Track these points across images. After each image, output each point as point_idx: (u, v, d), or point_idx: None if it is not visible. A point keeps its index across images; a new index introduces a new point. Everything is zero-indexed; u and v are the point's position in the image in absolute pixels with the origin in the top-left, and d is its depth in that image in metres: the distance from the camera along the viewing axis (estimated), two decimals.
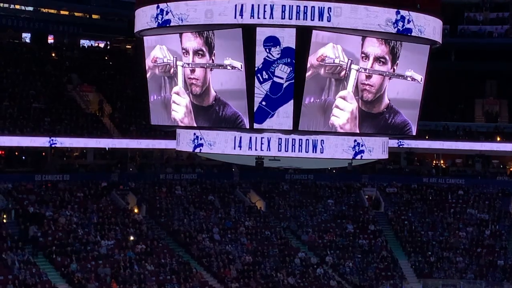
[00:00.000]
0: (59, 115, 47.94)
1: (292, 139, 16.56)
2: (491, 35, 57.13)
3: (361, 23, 15.62)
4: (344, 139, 16.98)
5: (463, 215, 50.67)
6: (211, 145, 17.09)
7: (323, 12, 15.32)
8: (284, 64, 15.71)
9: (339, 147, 16.99)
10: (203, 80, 16.49)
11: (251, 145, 16.66)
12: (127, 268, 39.38)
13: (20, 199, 42.73)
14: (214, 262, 42.28)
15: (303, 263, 44.26)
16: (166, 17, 16.24)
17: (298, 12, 15.27)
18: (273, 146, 16.58)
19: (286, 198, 51.11)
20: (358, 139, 17.20)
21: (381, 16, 15.77)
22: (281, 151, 16.61)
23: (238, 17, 15.37)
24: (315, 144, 16.72)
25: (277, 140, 16.54)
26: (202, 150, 17.32)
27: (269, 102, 15.84)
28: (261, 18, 15.36)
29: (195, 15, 15.74)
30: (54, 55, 55.65)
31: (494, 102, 57.53)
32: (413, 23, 16.28)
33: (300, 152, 16.65)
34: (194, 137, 17.39)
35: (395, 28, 15.98)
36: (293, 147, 16.59)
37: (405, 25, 16.12)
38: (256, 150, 16.66)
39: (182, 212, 46.40)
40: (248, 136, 16.56)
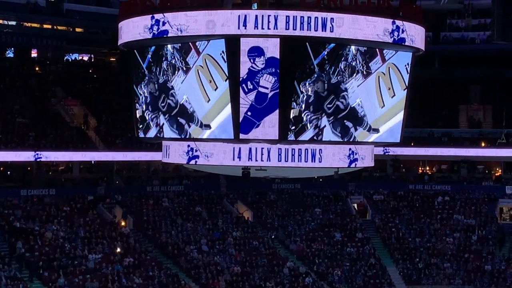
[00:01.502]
0: (44, 129, 47.76)
1: (292, 149, 16.60)
2: (473, 42, 57.53)
3: (361, 33, 15.80)
4: (340, 148, 17.08)
5: (450, 221, 50.82)
6: (208, 156, 16.97)
7: (325, 22, 15.40)
8: (269, 74, 15.73)
9: (336, 156, 17.12)
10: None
11: (251, 156, 16.62)
12: (115, 282, 39.18)
13: (6, 214, 42.45)
14: (203, 273, 42.16)
15: (291, 273, 44.21)
16: (163, 28, 16.09)
17: (302, 23, 15.32)
18: (273, 156, 16.57)
19: (273, 208, 51.08)
20: (352, 148, 17.35)
21: (379, 26, 16.01)
22: (281, 161, 16.63)
23: (241, 27, 15.32)
24: (314, 153, 16.79)
25: (277, 150, 16.55)
26: (198, 162, 17.18)
27: (255, 112, 15.85)
28: (265, 29, 15.32)
29: (196, 26, 15.63)
30: (38, 69, 55.50)
31: (478, 108, 57.83)
32: (406, 33, 16.54)
33: (299, 162, 16.70)
34: (188, 149, 17.25)
35: (391, 38, 16.23)
36: (293, 157, 16.63)
37: (400, 35, 16.38)
38: (256, 161, 16.63)
39: (169, 224, 46.26)
40: (248, 147, 16.51)
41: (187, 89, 16.75)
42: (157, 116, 17.57)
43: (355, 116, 16.68)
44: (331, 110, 16.26)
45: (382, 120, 17.13)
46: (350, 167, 17.50)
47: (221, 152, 16.78)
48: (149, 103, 17.79)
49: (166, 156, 18.33)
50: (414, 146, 52.44)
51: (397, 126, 17.28)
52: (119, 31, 17.64)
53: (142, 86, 17.84)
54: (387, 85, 16.83)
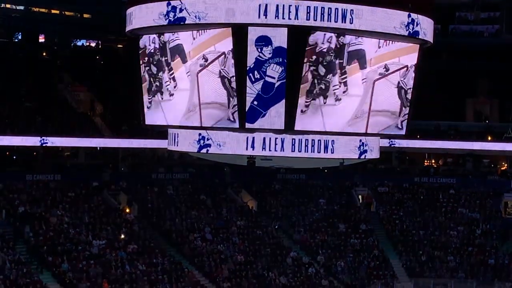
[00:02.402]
0: (50, 115, 47.84)
1: (305, 140, 16.52)
2: (482, 35, 57.32)
3: (379, 25, 15.79)
4: (351, 139, 17.07)
5: (454, 215, 50.79)
6: (221, 145, 16.84)
7: (345, 14, 15.35)
8: (276, 64, 15.69)
9: (347, 147, 17.09)
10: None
11: (264, 146, 16.53)
12: (119, 268, 39.32)
13: (11, 198, 42.59)
14: (206, 261, 42.27)
15: (295, 263, 44.29)
16: (180, 15, 15.85)
17: (323, 14, 15.26)
18: (286, 147, 16.50)
19: (278, 198, 51.12)
20: (363, 139, 17.33)
21: (396, 19, 15.99)
22: (294, 151, 16.54)
23: (262, 17, 15.24)
24: (326, 144, 16.74)
25: (291, 140, 16.46)
26: (209, 150, 17.02)
27: (261, 101, 15.81)
28: (286, 19, 15.24)
29: (215, 13, 15.51)
30: (45, 55, 55.56)
31: (485, 101, 57.70)
32: (420, 26, 16.53)
33: (313, 152, 16.62)
34: (200, 137, 17.09)
35: (407, 30, 16.23)
36: (306, 148, 16.55)
37: (414, 28, 16.38)
38: (270, 151, 16.53)
39: (173, 211, 46.35)
40: (262, 136, 16.44)
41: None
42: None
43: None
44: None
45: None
46: (360, 158, 17.50)
47: (234, 141, 16.63)
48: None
49: (174, 144, 18.13)
50: (420, 139, 52.35)
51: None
52: (128, 17, 17.44)
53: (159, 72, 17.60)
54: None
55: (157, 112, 17.74)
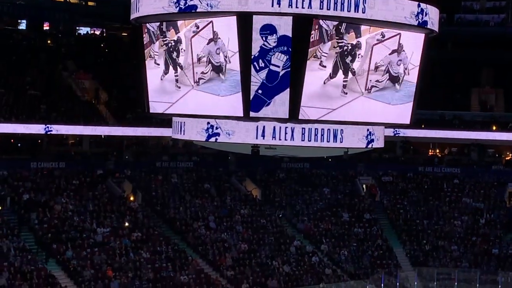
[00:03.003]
0: (54, 102, 47.88)
1: (315, 129, 16.51)
2: (487, 24, 57.16)
3: (391, 15, 15.80)
4: (359, 128, 17.09)
5: (458, 204, 50.81)
6: (230, 134, 16.79)
7: (358, 3, 15.33)
8: (281, 53, 15.66)
9: (355, 136, 17.11)
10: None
11: (274, 135, 16.50)
12: (123, 256, 39.44)
13: (16, 186, 42.70)
14: (210, 250, 42.36)
15: (298, 251, 44.36)
16: (191, 3, 15.72)
17: (336, 3, 15.23)
18: (296, 136, 16.49)
19: (282, 187, 51.15)
20: (370, 129, 17.36)
21: (407, 9, 16.02)
22: (304, 140, 16.52)
23: (275, 5, 15.20)
24: (336, 133, 16.76)
25: (301, 130, 16.44)
26: (218, 139, 16.93)
27: (265, 90, 15.79)
28: (299, 8, 15.18)
29: (227, 1, 15.43)
30: (49, 42, 55.52)
31: (490, 91, 57.60)
32: (428, 16, 16.56)
33: (322, 142, 16.61)
34: (208, 126, 17.02)
35: (416, 20, 16.26)
36: (315, 137, 16.55)
37: (423, 18, 16.41)
38: (280, 140, 16.50)
39: (178, 200, 46.43)
40: (272, 125, 16.41)
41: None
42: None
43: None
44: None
45: None
46: (367, 147, 17.52)
47: (244, 130, 16.56)
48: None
49: (179, 133, 18.03)
50: (424, 128, 52.34)
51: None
52: (135, 4, 17.33)
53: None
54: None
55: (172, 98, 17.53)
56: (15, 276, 35.53)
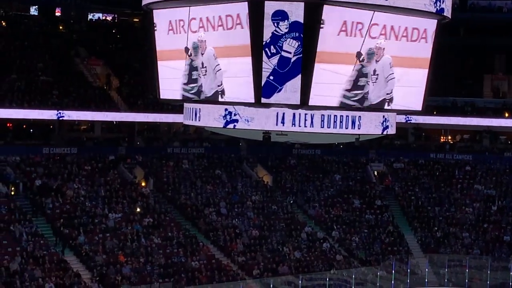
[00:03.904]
0: (66, 88, 48.01)
1: (334, 116, 16.49)
2: (501, 10, 56.79)
3: (412, 2, 15.76)
4: (376, 115, 17.08)
5: (470, 191, 50.70)
6: (249, 121, 16.74)
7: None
8: (292, 39, 15.63)
9: (373, 123, 17.10)
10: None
11: (294, 122, 16.50)
12: (134, 241, 39.63)
13: (28, 171, 42.92)
14: (221, 236, 42.49)
15: (309, 238, 44.44)
16: None
17: None
18: (316, 122, 16.47)
19: (293, 173, 51.18)
20: (385, 115, 17.34)
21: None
22: (323, 127, 16.50)
23: None
24: (354, 120, 16.77)
25: (320, 116, 16.43)
26: (237, 126, 16.90)
27: (277, 76, 15.78)
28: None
29: None
30: (61, 28, 55.59)
31: (503, 78, 57.31)
32: (445, 3, 16.50)
33: (341, 128, 16.61)
34: (226, 112, 16.98)
35: (435, 8, 16.20)
36: (335, 124, 16.54)
37: (441, 5, 16.36)
38: (299, 127, 16.49)
39: (189, 186, 46.55)
40: (292, 112, 16.40)
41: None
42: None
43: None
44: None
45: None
46: (383, 134, 17.53)
47: (264, 117, 16.48)
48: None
49: (194, 119, 17.93)
50: (436, 115, 52.18)
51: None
52: None
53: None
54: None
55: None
56: (28, 261, 35.79)
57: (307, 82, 15.77)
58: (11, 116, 44.47)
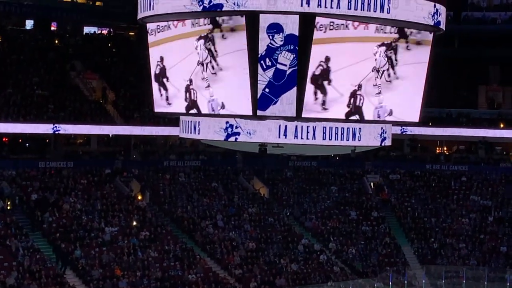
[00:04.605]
0: (62, 102, 48.01)
1: (335, 128, 16.57)
2: (494, 22, 57.00)
3: (412, 15, 15.95)
4: (374, 127, 17.19)
5: (466, 202, 50.73)
6: (251, 134, 16.75)
7: (383, 3, 15.43)
8: (288, 51, 15.70)
9: (372, 135, 17.22)
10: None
11: (296, 134, 16.54)
12: (131, 255, 39.55)
13: (24, 186, 42.85)
14: (218, 248, 42.43)
15: (306, 250, 44.39)
16: (217, 1, 15.61)
17: (363, 3, 15.31)
18: (318, 134, 16.53)
19: (289, 185, 51.18)
20: (383, 127, 17.47)
21: (426, 9, 16.21)
22: (325, 139, 16.58)
23: (305, 5, 15.19)
24: (354, 132, 16.87)
25: (322, 129, 16.49)
26: (238, 139, 16.89)
27: (273, 89, 15.84)
28: (328, 8, 15.21)
29: (255, 1, 15.38)
30: (57, 42, 55.64)
31: (498, 88, 57.46)
32: (441, 16, 16.72)
33: (342, 140, 16.69)
34: (227, 125, 16.96)
35: (433, 20, 16.41)
36: (336, 136, 16.62)
37: (438, 18, 16.57)
38: (302, 139, 16.53)
39: (185, 199, 46.52)
40: (294, 125, 16.44)
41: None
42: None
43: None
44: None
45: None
46: (381, 145, 17.65)
47: (266, 130, 16.52)
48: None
49: (193, 132, 17.90)
50: (432, 126, 52.27)
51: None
52: (146, 2, 17.18)
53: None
54: None
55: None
56: (24, 276, 35.69)
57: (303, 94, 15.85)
58: (7, 131, 44.45)
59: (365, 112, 16.47)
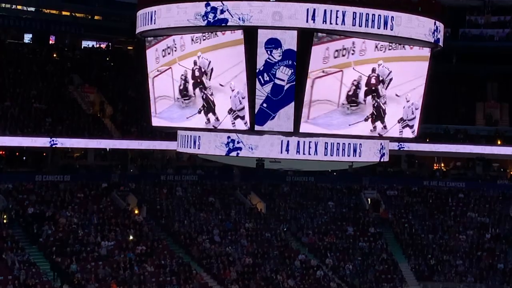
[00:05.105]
0: (60, 116, 47.97)
1: (337, 144, 16.64)
2: (492, 39, 57.16)
3: (414, 32, 16.09)
4: (374, 143, 17.28)
5: (463, 218, 50.66)
6: (253, 149, 16.77)
7: (387, 20, 15.54)
8: (286, 66, 15.73)
9: (371, 151, 17.30)
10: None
11: (299, 149, 16.57)
12: (127, 269, 39.38)
13: (21, 199, 42.73)
14: (214, 263, 42.29)
15: (303, 265, 44.25)
16: (221, 16, 15.67)
17: (367, 20, 15.41)
18: (320, 150, 16.57)
19: (286, 200, 51.10)
20: (382, 143, 17.54)
21: (426, 26, 16.36)
22: (327, 155, 16.63)
23: (310, 21, 15.25)
24: (355, 148, 16.94)
25: (324, 144, 16.55)
26: (240, 154, 16.89)
27: (270, 104, 15.84)
28: (333, 24, 15.32)
29: (261, 16, 15.44)
30: (55, 56, 55.68)
31: (495, 105, 57.51)
32: (441, 33, 16.88)
33: (343, 156, 16.76)
34: (229, 140, 16.95)
35: (433, 38, 16.57)
36: (337, 151, 16.67)
37: (437, 35, 16.72)
38: (304, 154, 16.57)
39: (182, 213, 46.41)
40: (296, 140, 16.46)
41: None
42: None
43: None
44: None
45: None
46: (380, 161, 17.77)
47: (268, 145, 16.55)
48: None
49: (193, 147, 17.85)
50: (429, 142, 52.26)
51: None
52: (147, 16, 17.21)
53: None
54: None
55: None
56: None
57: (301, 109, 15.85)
58: (4, 144, 44.36)
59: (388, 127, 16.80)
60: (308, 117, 15.93)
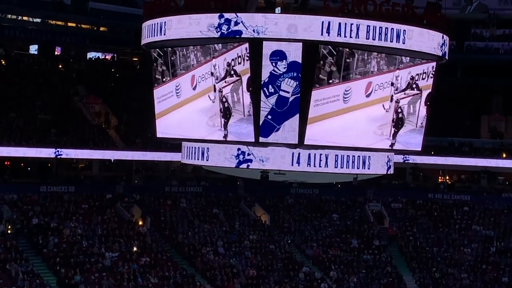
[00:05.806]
0: (65, 127, 48.05)
1: (347, 156, 16.69)
2: (497, 52, 57.17)
3: (424, 46, 16.24)
4: (382, 155, 17.36)
5: (468, 232, 50.48)
6: (264, 161, 16.76)
7: (399, 34, 15.64)
8: (290, 78, 15.73)
9: (379, 163, 17.35)
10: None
11: (309, 162, 16.58)
12: (131, 281, 39.31)
13: (25, 210, 42.74)
14: (218, 275, 42.18)
15: (307, 278, 44.10)
16: (235, 28, 15.69)
17: (380, 33, 15.49)
18: (330, 162, 16.61)
19: (291, 212, 51.01)
20: (389, 155, 17.62)
21: (436, 40, 16.50)
22: (337, 167, 16.67)
23: (325, 34, 15.30)
24: (364, 160, 17.00)
25: (334, 157, 16.60)
26: (250, 166, 16.88)
27: (275, 116, 15.84)
28: (347, 37, 15.40)
29: (275, 28, 15.46)
30: (61, 67, 55.85)
31: (500, 118, 57.44)
32: (447, 47, 17.03)
33: (353, 168, 16.81)
34: (239, 152, 16.94)
35: (441, 51, 16.69)
36: (347, 164, 16.72)
37: (444, 49, 16.84)
38: (314, 167, 16.59)
39: (186, 225, 46.35)
40: (307, 152, 16.47)
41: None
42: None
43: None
44: None
45: None
46: (387, 173, 17.84)
47: (279, 157, 16.55)
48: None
49: (202, 159, 17.76)
50: (434, 155, 52.18)
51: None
52: (157, 27, 17.19)
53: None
54: None
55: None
56: None
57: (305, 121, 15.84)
58: (9, 154, 44.43)
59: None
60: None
